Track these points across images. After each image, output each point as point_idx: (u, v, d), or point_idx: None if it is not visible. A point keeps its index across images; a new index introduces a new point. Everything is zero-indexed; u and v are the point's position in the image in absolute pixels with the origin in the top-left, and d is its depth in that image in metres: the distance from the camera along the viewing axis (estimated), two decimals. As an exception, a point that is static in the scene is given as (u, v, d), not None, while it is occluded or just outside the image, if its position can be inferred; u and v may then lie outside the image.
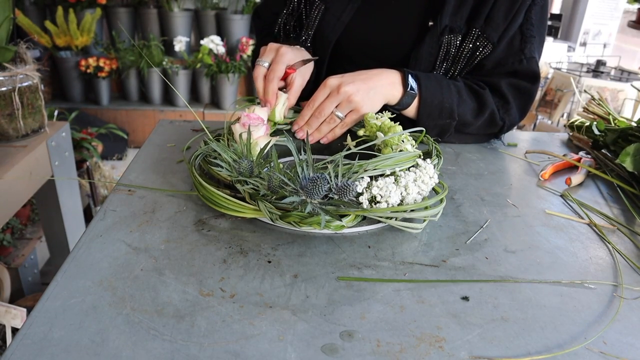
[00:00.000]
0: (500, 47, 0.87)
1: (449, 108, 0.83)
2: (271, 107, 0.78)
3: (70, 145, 1.43)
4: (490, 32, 0.85)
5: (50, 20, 3.18)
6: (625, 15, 3.10)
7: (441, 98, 0.82)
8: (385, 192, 0.58)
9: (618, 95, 2.31)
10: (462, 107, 0.84)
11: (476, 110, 0.86)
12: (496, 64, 0.88)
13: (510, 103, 0.89)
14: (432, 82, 0.83)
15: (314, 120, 0.78)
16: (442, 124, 0.85)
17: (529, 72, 0.88)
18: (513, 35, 0.87)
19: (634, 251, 0.61)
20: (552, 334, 0.46)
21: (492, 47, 0.86)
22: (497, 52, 0.87)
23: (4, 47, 1.17)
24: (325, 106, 0.76)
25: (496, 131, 0.93)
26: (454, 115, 0.83)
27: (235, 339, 0.43)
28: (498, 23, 0.85)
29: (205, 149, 0.71)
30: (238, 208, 0.60)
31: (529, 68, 0.88)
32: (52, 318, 0.44)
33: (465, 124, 0.87)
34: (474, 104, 0.86)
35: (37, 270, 1.69)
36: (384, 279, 0.52)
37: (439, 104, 0.82)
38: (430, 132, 0.85)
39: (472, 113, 0.86)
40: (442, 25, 0.86)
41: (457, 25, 0.86)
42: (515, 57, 0.88)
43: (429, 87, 0.82)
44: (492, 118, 0.88)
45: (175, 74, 3.32)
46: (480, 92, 0.87)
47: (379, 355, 0.42)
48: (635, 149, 0.76)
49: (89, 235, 0.57)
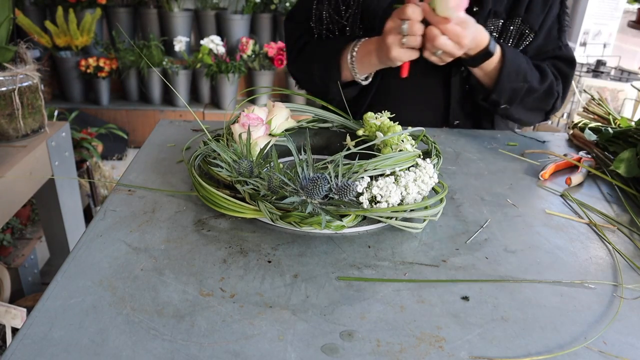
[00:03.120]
0: (541, 35, 0.96)
1: (524, 72, 0.91)
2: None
3: (70, 145, 1.43)
4: (532, 21, 0.94)
5: (50, 20, 3.18)
6: (625, 15, 3.09)
7: (519, 62, 0.91)
8: (385, 192, 0.58)
9: (618, 95, 2.31)
10: (531, 73, 0.92)
11: (540, 78, 0.94)
12: (538, 51, 0.97)
13: (559, 79, 0.98)
14: (512, 48, 0.92)
15: (420, 35, 0.80)
16: (515, 87, 0.91)
17: (568, 58, 0.99)
18: (551, 24, 0.96)
19: (634, 251, 0.61)
20: (552, 334, 0.46)
21: (534, 35, 0.95)
22: (539, 40, 0.96)
23: (4, 47, 1.17)
24: (446, 44, 0.80)
25: (550, 107, 1.00)
26: (527, 78, 0.91)
27: (235, 339, 0.43)
28: (537, 12, 0.94)
29: (204, 149, 0.70)
30: (238, 208, 0.60)
31: (567, 54, 0.98)
32: (52, 318, 0.44)
33: (532, 90, 0.93)
34: (538, 73, 0.95)
35: (37, 270, 1.69)
36: (384, 279, 0.52)
37: (517, 67, 0.90)
38: (504, 95, 0.92)
39: (538, 80, 0.94)
40: (487, 9, 0.93)
41: (499, 9, 0.94)
42: (555, 44, 0.98)
43: (510, 51, 0.90)
44: (550, 88, 0.96)
45: (175, 74, 3.32)
46: (540, 64, 0.96)
47: (379, 355, 0.42)
48: (629, 155, 0.76)
49: (89, 235, 0.57)
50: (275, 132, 0.76)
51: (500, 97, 0.93)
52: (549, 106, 0.99)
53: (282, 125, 0.77)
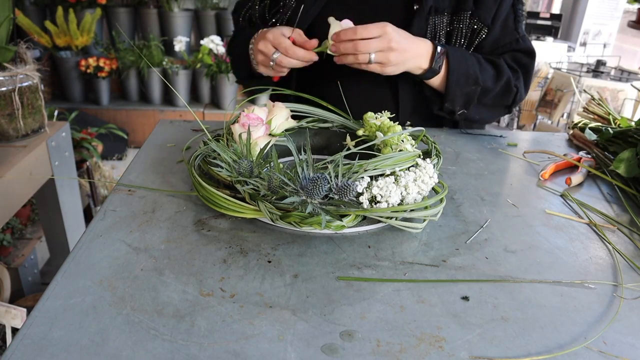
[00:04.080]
0: (496, 29, 0.92)
1: (474, 75, 0.87)
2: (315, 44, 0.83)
3: (70, 145, 1.43)
4: (482, 14, 0.90)
5: (50, 20, 3.18)
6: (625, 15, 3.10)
7: (467, 66, 0.87)
8: (385, 192, 0.58)
9: (618, 95, 2.31)
10: (483, 73, 0.89)
11: (495, 76, 0.91)
12: (494, 45, 0.94)
13: (519, 72, 0.94)
14: (458, 52, 0.89)
15: (351, 47, 0.79)
16: (468, 92, 0.89)
17: (526, 49, 0.95)
18: (506, 16, 0.92)
19: (634, 251, 0.61)
20: (552, 334, 0.46)
21: (488, 29, 0.91)
22: (494, 34, 0.92)
23: (4, 47, 1.17)
24: (370, 44, 0.78)
25: (510, 102, 0.96)
26: (478, 81, 0.88)
27: (235, 339, 0.43)
28: (489, 5, 0.90)
29: (204, 149, 0.70)
30: (238, 208, 0.60)
31: (524, 46, 0.94)
32: (52, 318, 0.44)
33: (487, 91, 0.91)
34: (493, 71, 0.91)
35: (37, 270, 1.69)
36: (384, 279, 0.52)
37: (466, 72, 0.87)
38: (458, 102, 0.90)
39: (492, 79, 0.91)
40: (427, 7, 0.89)
41: (441, 5, 0.90)
42: (512, 37, 0.94)
43: (455, 56, 0.87)
44: (508, 84, 0.92)
45: (175, 74, 3.32)
46: (496, 60, 0.93)
47: (379, 355, 0.42)
48: (629, 155, 0.76)
49: (89, 235, 0.57)
50: (275, 132, 0.77)
51: (454, 105, 0.90)
52: (509, 101, 0.96)
53: (282, 125, 0.77)
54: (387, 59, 0.80)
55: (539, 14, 3.03)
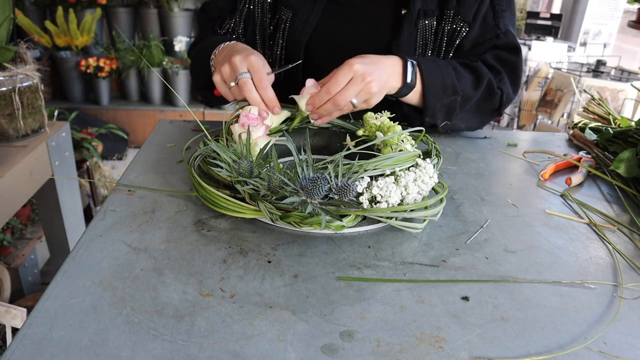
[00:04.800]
0: (476, 26, 0.89)
1: (451, 84, 0.84)
2: (278, 112, 0.76)
3: (70, 145, 1.43)
4: (464, 12, 0.88)
5: (50, 20, 3.18)
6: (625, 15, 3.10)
7: (442, 76, 0.83)
8: (385, 192, 0.58)
9: (618, 95, 2.31)
10: (461, 81, 0.85)
11: (475, 82, 0.87)
12: (475, 43, 0.91)
13: (502, 72, 0.90)
14: (431, 63, 0.84)
15: (332, 107, 0.73)
16: (448, 103, 0.85)
17: (509, 45, 0.91)
18: (485, 13, 0.89)
19: (634, 251, 0.61)
20: (552, 334, 0.46)
21: (469, 27, 0.88)
22: (474, 32, 0.89)
23: (4, 47, 1.17)
24: (348, 93, 0.72)
25: (496, 106, 0.92)
26: (457, 90, 0.84)
27: (235, 339, 0.43)
28: (470, 2, 0.87)
29: (204, 149, 0.70)
30: (238, 209, 0.60)
31: (507, 41, 0.91)
32: (52, 318, 0.44)
33: (468, 98, 0.87)
34: (471, 76, 0.87)
35: (37, 270, 1.69)
36: (384, 279, 0.52)
37: (442, 82, 0.83)
38: (439, 115, 0.86)
39: (472, 85, 0.87)
40: (416, 10, 0.87)
41: (429, 8, 0.88)
42: (492, 33, 0.90)
43: (428, 68, 0.83)
44: (490, 87, 0.89)
45: (175, 74, 3.32)
46: (473, 64, 0.88)
47: (379, 355, 0.42)
48: (629, 155, 0.76)
49: (89, 235, 0.57)
50: (273, 127, 0.77)
51: (435, 119, 0.86)
52: (495, 105, 0.92)
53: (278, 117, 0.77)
54: (369, 93, 0.74)
55: (539, 14, 3.03)
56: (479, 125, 0.96)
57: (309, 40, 0.93)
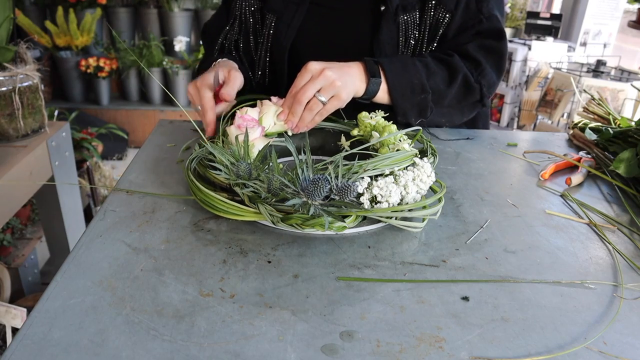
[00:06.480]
0: (458, 13, 0.88)
1: (419, 83, 0.83)
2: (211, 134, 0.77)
3: (71, 145, 1.43)
4: (446, 1, 0.87)
5: (50, 20, 3.18)
6: (625, 15, 3.09)
7: (408, 76, 0.82)
8: (385, 191, 0.58)
9: (618, 95, 2.31)
10: (432, 78, 0.84)
11: (448, 78, 0.86)
12: (458, 30, 0.89)
13: (482, 64, 0.88)
14: (395, 63, 0.83)
15: (297, 106, 0.73)
16: (418, 101, 0.84)
17: (493, 30, 0.89)
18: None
19: (634, 251, 0.61)
20: (552, 334, 0.46)
21: (451, 15, 0.87)
22: (456, 19, 0.88)
23: (4, 47, 1.17)
24: (307, 89, 0.72)
25: (477, 98, 0.90)
26: (425, 88, 0.83)
27: (235, 339, 0.43)
28: None
29: (200, 151, 0.70)
30: (237, 211, 0.60)
31: (491, 26, 0.89)
32: (52, 318, 0.44)
33: (441, 95, 0.86)
34: (444, 72, 0.86)
35: (37, 270, 1.69)
36: (384, 279, 0.52)
37: (408, 82, 0.82)
38: (411, 114, 0.85)
39: (444, 81, 0.85)
40: (394, 6, 0.86)
41: (409, 2, 0.87)
42: (475, 19, 0.89)
43: (392, 69, 0.82)
44: (466, 82, 0.87)
45: (175, 74, 3.32)
46: (448, 59, 0.87)
47: (379, 355, 0.42)
48: (629, 155, 0.76)
49: (89, 236, 0.57)
50: (269, 132, 0.76)
51: (407, 117, 0.85)
52: (476, 97, 0.89)
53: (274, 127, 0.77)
54: (333, 85, 0.73)
55: (539, 14, 3.03)
56: (462, 118, 0.95)
57: (294, 43, 0.93)
